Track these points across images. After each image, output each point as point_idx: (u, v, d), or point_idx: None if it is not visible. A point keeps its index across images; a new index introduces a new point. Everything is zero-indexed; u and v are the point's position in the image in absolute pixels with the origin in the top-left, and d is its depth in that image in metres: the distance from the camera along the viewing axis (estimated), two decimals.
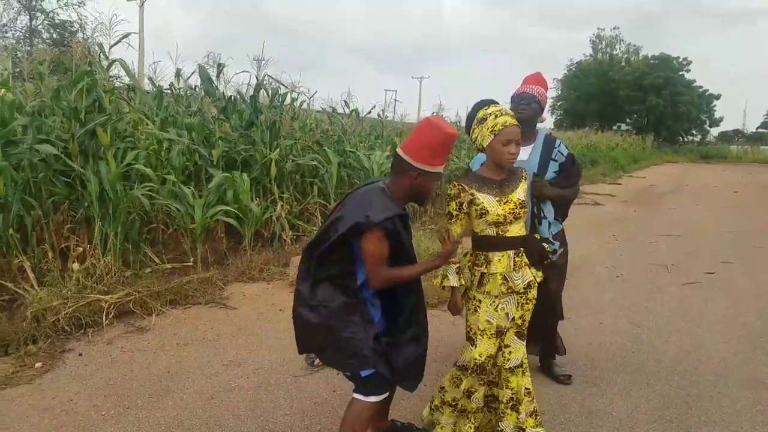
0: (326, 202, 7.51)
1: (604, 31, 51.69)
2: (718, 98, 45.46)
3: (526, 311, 2.60)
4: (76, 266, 4.66)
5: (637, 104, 42.91)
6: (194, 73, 7.69)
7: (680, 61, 43.96)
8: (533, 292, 2.59)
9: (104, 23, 5.30)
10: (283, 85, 7.76)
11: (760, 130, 56.19)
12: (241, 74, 7.20)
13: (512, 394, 2.58)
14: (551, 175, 3.27)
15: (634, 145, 32.43)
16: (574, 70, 49.92)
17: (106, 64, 5.51)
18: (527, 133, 3.30)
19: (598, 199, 13.12)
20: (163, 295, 4.63)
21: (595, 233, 8.53)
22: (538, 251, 2.60)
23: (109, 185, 4.90)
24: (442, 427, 2.67)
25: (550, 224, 3.28)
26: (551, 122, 47.42)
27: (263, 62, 7.45)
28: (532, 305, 2.61)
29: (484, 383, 2.59)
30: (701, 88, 44.46)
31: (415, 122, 15.16)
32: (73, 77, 5.09)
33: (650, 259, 6.75)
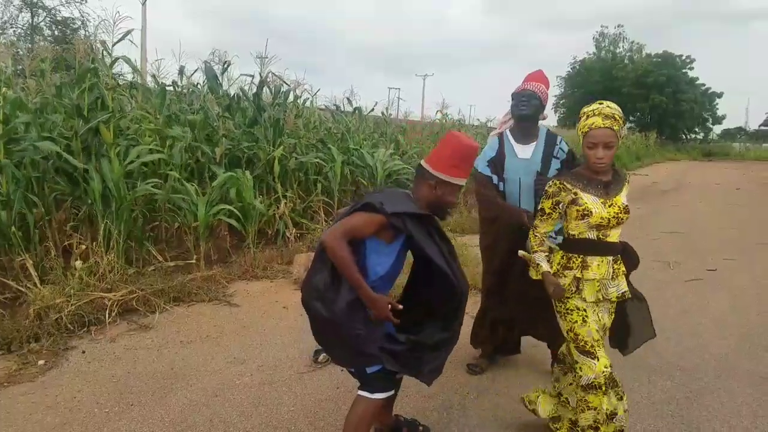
0: (330, 200, 7.51)
1: (607, 28, 51.52)
2: (720, 96, 45.26)
3: (610, 320, 2.49)
4: (78, 264, 4.66)
5: (640, 102, 42.72)
6: (197, 70, 7.69)
7: (683, 59, 43.79)
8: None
9: (107, 20, 5.28)
10: (286, 83, 7.76)
11: (762, 128, 55.96)
12: (244, 74, 7.23)
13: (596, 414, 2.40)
14: (553, 172, 3.26)
15: (636, 142, 32.32)
16: (577, 68, 49.77)
17: (109, 61, 5.51)
18: (529, 130, 3.31)
19: None
20: (166, 292, 4.63)
21: None
22: (634, 260, 2.47)
23: (112, 183, 4.91)
24: None
25: None
26: (554, 120, 47.31)
27: (266, 60, 7.43)
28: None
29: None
30: (704, 86, 44.32)
31: (418, 120, 15.16)
32: (76, 75, 5.10)
33: (653, 256, 6.73)
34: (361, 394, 2.32)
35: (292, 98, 8.12)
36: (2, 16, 23.88)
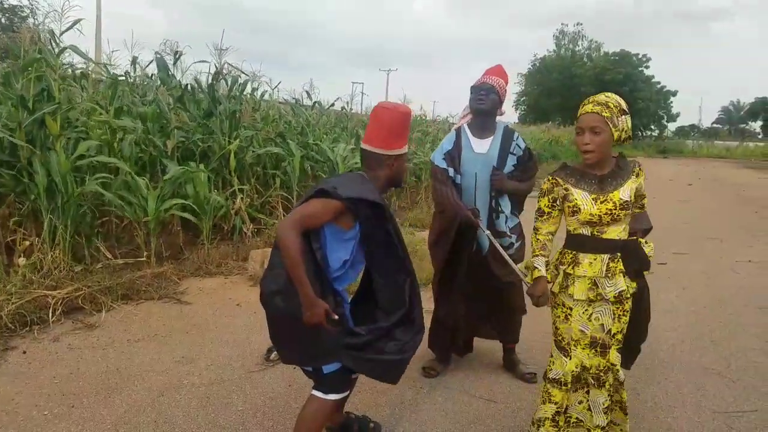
0: (289, 194, 7.40)
1: (567, 27, 52.51)
2: (675, 94, 46.79)
3: (624, 324, 2.32)
4: (22, 261, 4.49)
5: None
6: (152, 62, 7.46)
7: (640, 57, 45.00)
8: (629, 303, 2.30)
9: (57, 10, 5.06)
10: (243, 73, 7.60)
11: (714, 125, 58.06)
12: (199, 63, 6.99)
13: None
14: (509, 168, 3.27)
15: None
16: (537, 65, 50.57)
17: (57, 50, 5.29)
18: (486, 124, 3.30)
19: None
20: (113, 290, 4.48)
21: None
22: (638, 259, 2.29)
23: (59, 176, 4.72)
24: None
25: (507, 218, 3.29)
26: (515, 117, 47.97)
27: (223, 51, 7.26)
28: (627, 318, 2.32)
29: (585, 396, 2.37)
30: (659, 84, 45.64)
31: None
32: (21, 64, 4.88)
33: None
34: (314, 394, 2.24)
35: (249, 90, 7.98)
36: None
